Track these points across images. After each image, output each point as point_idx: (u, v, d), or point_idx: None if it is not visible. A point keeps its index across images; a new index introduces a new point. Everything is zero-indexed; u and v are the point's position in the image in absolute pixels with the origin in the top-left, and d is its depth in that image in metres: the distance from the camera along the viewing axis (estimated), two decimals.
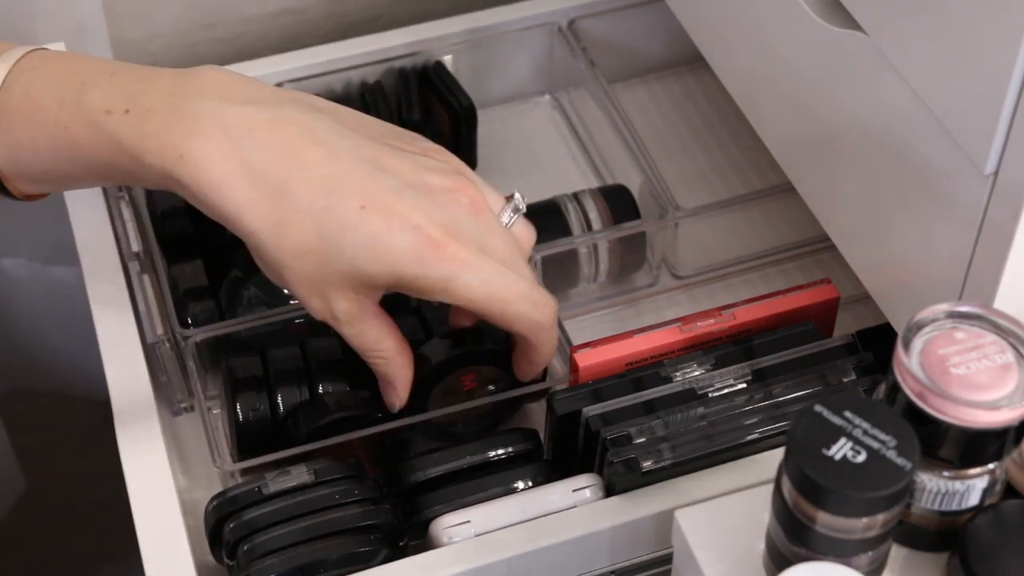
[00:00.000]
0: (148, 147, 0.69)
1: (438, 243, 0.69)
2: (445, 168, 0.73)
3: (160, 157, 0.69)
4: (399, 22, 1.02)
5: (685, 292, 0.91)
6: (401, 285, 0.71)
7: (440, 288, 0.70)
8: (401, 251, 0.69)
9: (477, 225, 0.72)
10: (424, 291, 0.71)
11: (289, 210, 0.69)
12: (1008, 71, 0.59)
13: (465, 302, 0.71)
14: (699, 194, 0.96)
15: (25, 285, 1.10)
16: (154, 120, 0.69)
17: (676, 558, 0.69)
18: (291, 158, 0.69)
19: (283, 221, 0.69)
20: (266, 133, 0.69)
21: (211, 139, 0.68)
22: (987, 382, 0.59)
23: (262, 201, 0.69)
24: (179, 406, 0.84)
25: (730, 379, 0.76)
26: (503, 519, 0.72)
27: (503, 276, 0.71)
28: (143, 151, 0.69)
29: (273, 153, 0.69)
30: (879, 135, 0.70)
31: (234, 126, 0.69)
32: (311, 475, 0.74)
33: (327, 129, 0.71)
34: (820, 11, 0.72)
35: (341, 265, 0.70)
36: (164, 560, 0.71)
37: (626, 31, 1.01)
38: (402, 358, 0.75)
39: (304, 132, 0.70)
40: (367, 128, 0.73)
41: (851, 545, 0.59)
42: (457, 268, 0.70)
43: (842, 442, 0.58)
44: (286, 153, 0.69)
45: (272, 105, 0.71)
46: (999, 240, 0.63)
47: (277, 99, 0.71)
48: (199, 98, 0.69)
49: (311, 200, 0.69)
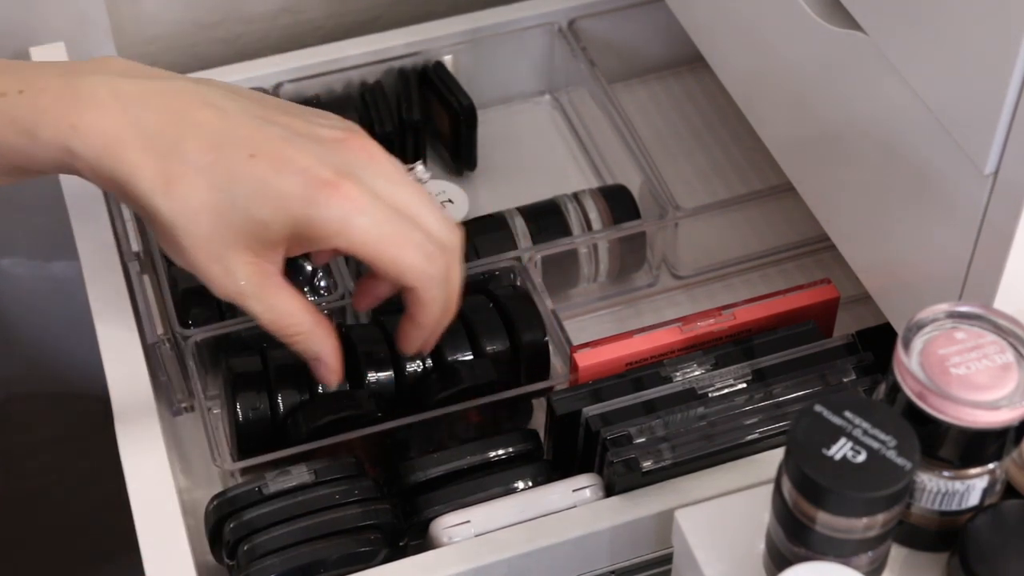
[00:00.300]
0: (42, 121, 0.69)
1: (329, 182, 0.69)
2: (341, 124, 0.73)
3: (54, 130, 0.69)
4: (399, 22, 1.02)
5: (685, 292, 0.91)
6: (297, 233, 0.69)
7: (335, 230, 0.69)
8: (291, 193, 0.68)
9: (371, 169, 0.71)
10: (320, 236, 0.69)
11: (180, 167, 0.69)
12: (1008, 71, 0.59)
13: (359, 246, 0.70)
14: (699, 194, 0.96)
15: (25, 283, 1.10)
16: (47, 96, 0.69)
17: (676, 558, 0.69)
18: (181, 119, 0.69)
19: (174, 179, 0.69)
20: (157, 99, 0.70)
21: (103, 108, 0.69)
22: (987, 382, 0.59)
23: (153, 161, 0.69)
24: (179, 406, 0.84)
25: (730, 379, 0.76)
26: (503, 519, 0.72)
27: (396, 222, 0.70)
28: (37, 126, 0.69)
29: (163, 115, 0.69)
30: (879, 135, 0.70)
31: (126, 94, 0.69)
32: (311, 475, 0.74)
33: (218, 94, 0.71)
34: (820, 11, 0.72)
35: (235, 218, 0.69)
36: (164, 560, 0.71)
37: (626, 31, 1.01)
38: (322, 329, 0.73)
39: (195, 96, 0.70)
40: (262, 97, 0.73)
41: (851, 545, 0.59)
42: (350, 208, 0.69)
43: (842, 442, 0.58)
44: (176, 114, 0.69)
45: (166, 79, 0.71)
46: (999, 240, 0.63)
47: (171, 75, 0.72)
48: (93, 75, 0.70)
49: (200, 155, 0.69)
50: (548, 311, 0.82)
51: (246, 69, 0.95)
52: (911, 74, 0.66)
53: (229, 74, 0.95)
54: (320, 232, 0.69)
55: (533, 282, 0.84)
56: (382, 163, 0.71)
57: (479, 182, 0.98)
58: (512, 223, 0.88)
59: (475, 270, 0.85)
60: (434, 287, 0.72)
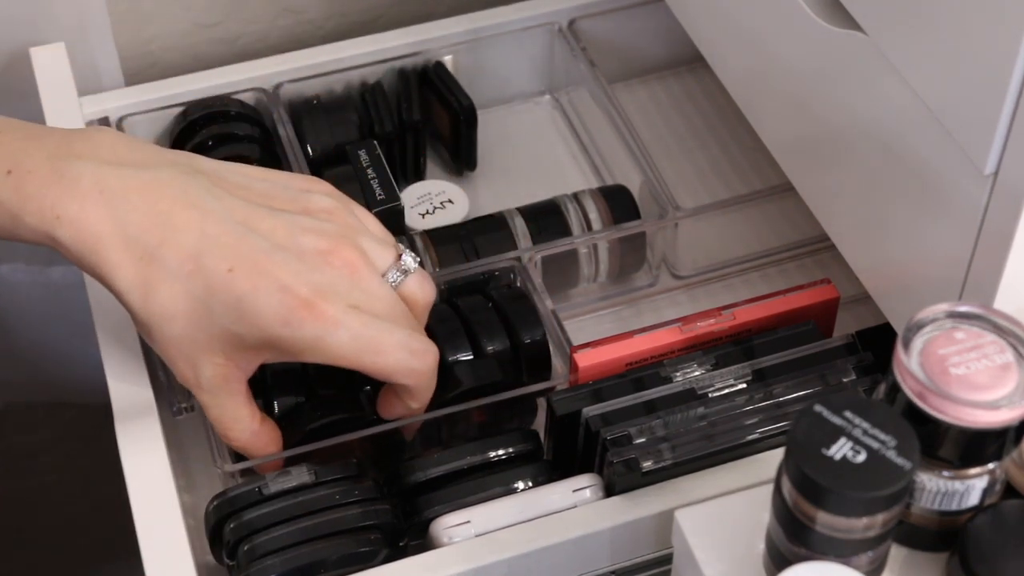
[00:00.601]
0: (27, 208, 0.70)
1: (306, 303, 0.70)
2: (324, 229, 0.73)
3: (39, 218, 0.70)
4: (399, 22, 1.02)
5: (685, 292, 0.91)
6: (271, 346, 0.71)
7: (310, 347, 0.70)
8: (268, 312, 0.69)
9: (351, 284, 0.71)
10: (295, 352, 0.71)
11: (159, 273, 0.70)
12: (1008, 71, 0.59)
13: (339, 359, 0.71)
14: (699, 194, 0.96)
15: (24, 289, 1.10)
16: (33, 181, 0.70)
17: (676, 558, 0.69)
18: (163, 221, 0.70)
19: (153, 284, 0.70)
20: (140, 196, 0.70)
21: (87, 201, 0.70)
22: (987, 382, 0.59)
23: (134, 264, 0.70)
24: (179, 406, 0.84)
25: (730, 379, 0.76)
26: (503, 519, 0.72)
27: (375, 328, 0.71)
28: (22, 212, 0.70)
29: (145, 216, 0.70)
30: (879, 135, 0.70)
31: (110, 188, 0.70)
32: (311, 475, 0.74)
33: (201, 191, 0.72)
34: (820, 11, 0.72)
35: (211, 328, 0.70)
36: (164, 560, 0.71)
37: (626, 31, 1.01)
38: (257, 445, 0.75)
39: (178, 195, 0.71)
40: (246, 188, 0.73)
41: (851, 545, 0.59)
42: (326, 327, 0.70)
43: (842, 442, 0.58)
44: (158, 216, 0.70)
45: (151, 168, 0.72)
46: (999, 240, 0.63)
47: (157, 161, 0.72)
48: (80, 160, 0.71)
49: (180, 264, 0.70)
50: (548, 311, 0.82)
51: (246, 69, 0.95)
52: (911, 74, 0.66)
53: (229, 74, 0.95)
54: (295, 348, 0.71)
55: (533, 282, 0.84)
56: (363, 277, 0.72)
57: (479, 182, 0.98)
58: (512, 223, 0.88)
59: (475, 270, 0.85)
60: (424, 380, 0.74)
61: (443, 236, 0.87)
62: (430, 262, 0.86)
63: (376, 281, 0.73)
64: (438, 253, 0.86)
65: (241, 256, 0.70)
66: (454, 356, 0.79)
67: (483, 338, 0.80)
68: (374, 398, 0.78)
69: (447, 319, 0.80)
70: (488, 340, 0.80)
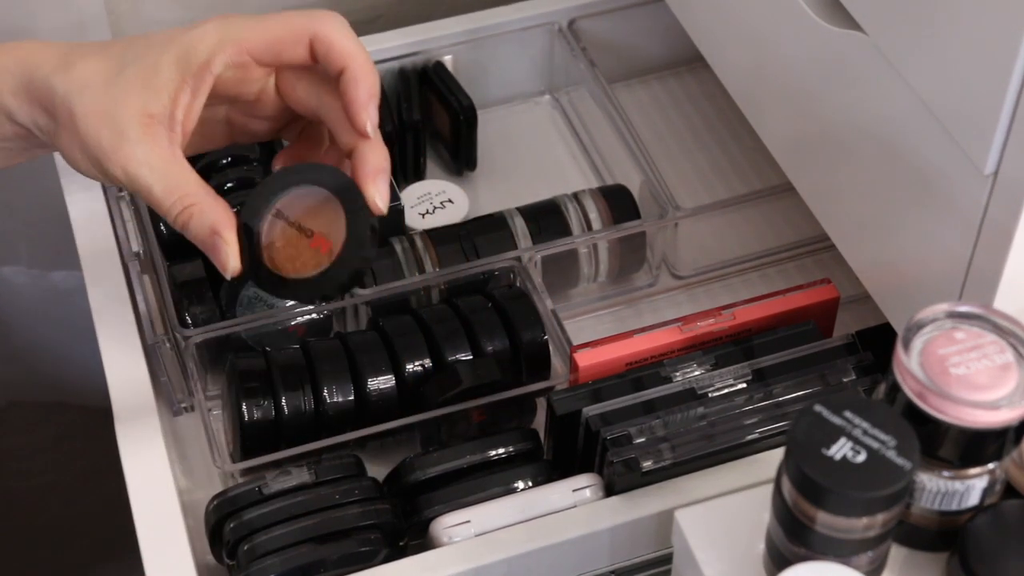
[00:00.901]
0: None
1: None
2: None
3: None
4: (399, 22, 1.02)
5: (685, 292, 0.91)
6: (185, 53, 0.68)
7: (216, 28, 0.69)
8: (172, 31, 0.69)
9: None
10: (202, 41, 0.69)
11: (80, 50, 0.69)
12: (1008, 71, 0.59)
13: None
14: (699, 194, 0.96)
15: (25, 291, 1.10)
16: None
17: (676, 558, 0.69)
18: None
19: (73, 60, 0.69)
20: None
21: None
22: (987, 382, 0.59)
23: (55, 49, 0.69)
24: (179, 406, 0.84)
25: (730, 379, 0.76)
26: (503, 519, 0.72)
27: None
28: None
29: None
30: (879, 135, 0.70)
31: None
32: (311, 475, 0.74)
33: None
34: (820, 11, 0.72)
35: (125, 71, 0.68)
36: (164, 560, 0.71)
37: (626, 31, 1.01)
38: (216, 200, 0.68)
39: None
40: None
41: (851, 545, 0.59)
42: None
43: (842, 442, 0.58)
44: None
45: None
46: (999, 240, 0.63)
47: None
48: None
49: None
50: (548, 311, 0.82)
51: None
52: (911, 74, 0.66)
53: None
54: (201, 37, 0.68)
55: (533, 282, 0.84)
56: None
57: (479, 182, 0.98)
58: (512, 223, 0.88)
59: (475, 270, 0.85)
60: (361, 53, 0.71)
61: (443, 236, 0.87)
62: (430, 262, 0.86)
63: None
64: (438, 253, 0.86)
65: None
66: (454, 355, 0.79)
67: (483, 338, 0.80)
68: (381, 401, 0.77)
69: (447, 319, 0.81)
70: (488, 340, 0.80)
